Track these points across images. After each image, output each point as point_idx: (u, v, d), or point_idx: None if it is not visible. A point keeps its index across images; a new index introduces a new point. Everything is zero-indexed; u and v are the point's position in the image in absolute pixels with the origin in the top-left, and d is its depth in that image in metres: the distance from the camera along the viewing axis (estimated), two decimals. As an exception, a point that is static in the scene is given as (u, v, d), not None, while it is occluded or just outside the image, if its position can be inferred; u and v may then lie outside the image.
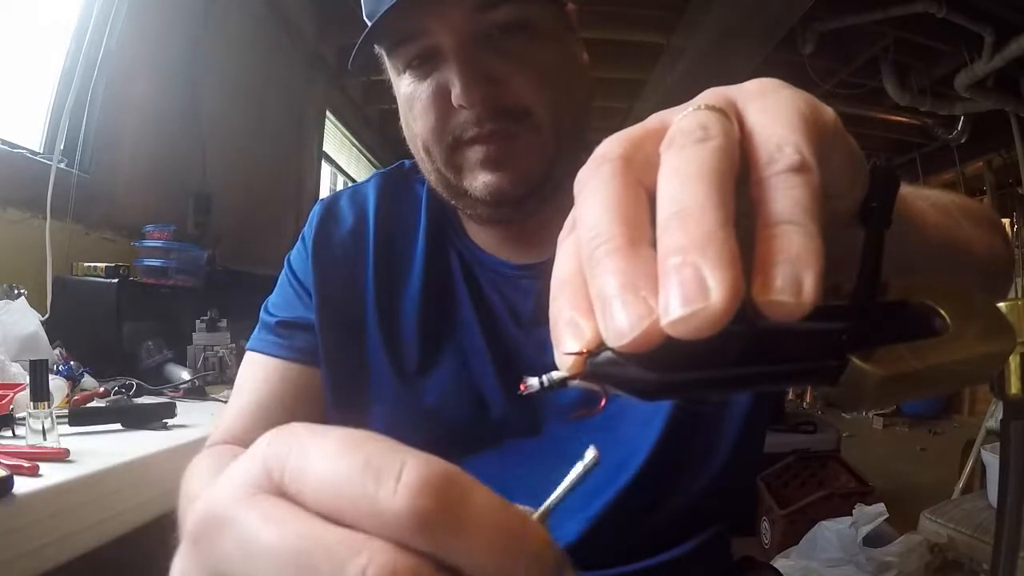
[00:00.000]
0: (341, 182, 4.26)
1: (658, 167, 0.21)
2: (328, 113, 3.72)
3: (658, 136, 0.22)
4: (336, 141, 4.15)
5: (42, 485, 0.68)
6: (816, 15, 3.14)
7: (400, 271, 0.65)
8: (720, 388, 0.21)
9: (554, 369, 0.21)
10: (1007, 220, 4.60)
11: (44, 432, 0.80)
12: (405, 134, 0.62)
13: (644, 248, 0.19)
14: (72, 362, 1.21)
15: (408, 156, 0.67)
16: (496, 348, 0.61)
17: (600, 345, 0.19)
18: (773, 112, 0.22)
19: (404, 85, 0.58)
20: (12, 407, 0.89)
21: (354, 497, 0.16)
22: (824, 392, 0.22)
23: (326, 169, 3.90)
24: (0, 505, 0.62)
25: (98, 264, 1.52)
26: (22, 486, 0.65)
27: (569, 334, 0.20)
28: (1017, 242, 4.34)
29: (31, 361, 0.84)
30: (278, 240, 2.55)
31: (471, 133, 0.55)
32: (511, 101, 0.55)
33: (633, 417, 0.58)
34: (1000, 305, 0.25)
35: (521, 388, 0.21)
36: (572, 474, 0.19)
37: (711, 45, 3.29)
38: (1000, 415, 0.32)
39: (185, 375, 1.38)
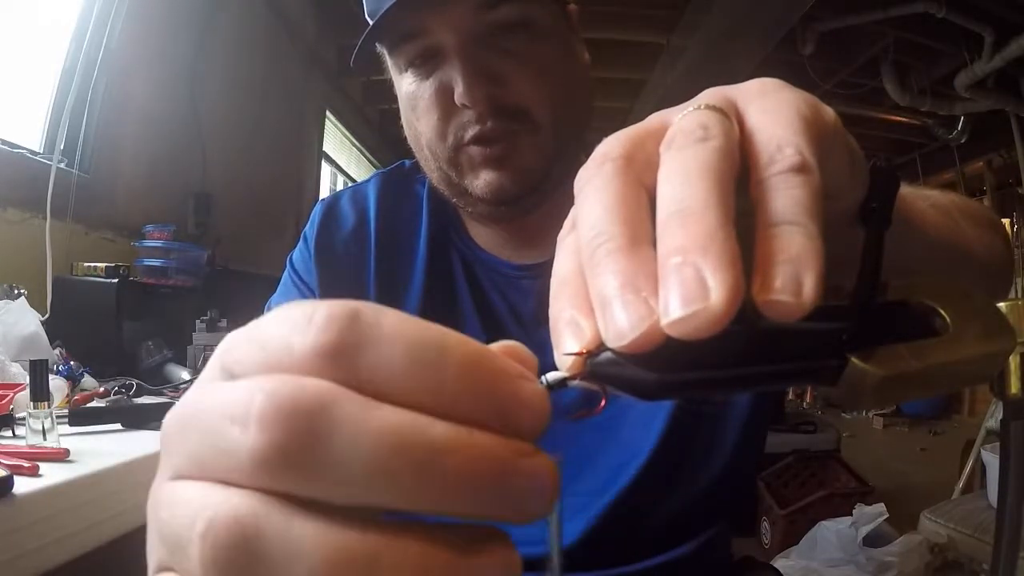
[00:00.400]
0: (341, 182, 4.25)
1: (658, 167, 0.21)
2: (328, 113, 3.72)
3: (659, 135, 0.22)
4: (336, 141, 4.15)
5: (42, 485, 0.68)
6: (816, 15, 3.14)
7: (402, 271, 0.65)
8: (720, 388, 0.21)
9: (555, 369, 0.21)
10: (1007, 220, 4.60)
11: (44, 432, 0.80)
12: (406, 133, 0.62)
13: (645, 248, 0.19)
14: (72, 362, 1.21)
15: (408, 156, 0.67)
16: None
17: (600, 345, 0.19)
18: (774, 112, 0.22)
19: (406, 84, 0.59)
20: (12, 407, 0.89)
21: (276, 349, 0.17)
22: (824, 392, 0.22)
23: (326, 169, 3.90)
24: (0, 505, 0.62)
25: (98, 264, 1.52)
26: (22, 486, 0.65)
27: (569, 334, 0.20)
28: (1017, 242, 4.34)
29: (31, 361, 0.84)
30: (278, 240, 2.56)
31: (473, 132, 0.55)
32: (513, 100, 0.55)
33: (633, 418, 0.58)
34: (1000, 305, 0.25)
35: None
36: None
37: (711, 45, 3.29)
38: (1000, 415, 0.32)
39: (185, 375, 1.38)
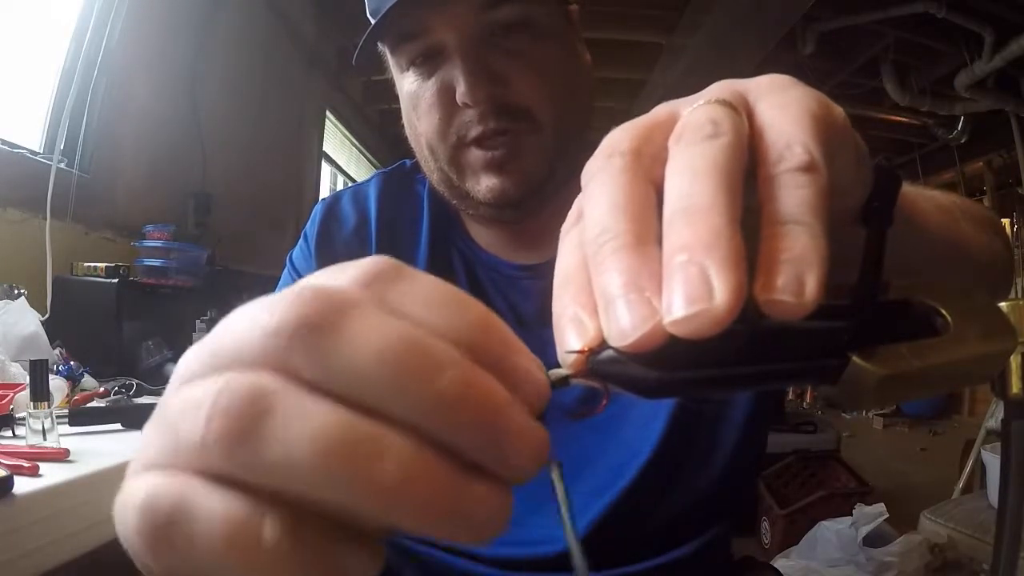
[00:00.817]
0: (341, 182, 4.25)
1: (666, 160, 0.21)
2: (328, 113, 3.72)
3: (667, 128, 0.22)
4: (336, 141, 4.14)
5: (42, 485, 0.68)
6: (816, 15, 3.14)
7: None
8: (721, 386, 0.21)
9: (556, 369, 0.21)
10: (1007, 220, 4.60)
11: (44, 432, 0.80)
12: (407, 132, 0.62)
13: (650, 247, 0.19)
14: (72, 362, 1.21)
15: (409, 156, 0.67)
16: None
17: (602, 343, 0.19)
18: (784, 109, 0.22)
19: (407, 83, 0.58)
20: (12, 407, 0.89)
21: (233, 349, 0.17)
22: (825, 391, 0.22)
23: (326, 169, 3.89)
24: (0, 505, 0.62)
25: (98, 264, 1.52)
26: (22, 486, 0.65)
27: (572, 331, 0.20)
28: (1017, 242, 4.34)
29: (31, 361, 0.84)
30: (278, 240, 2.56)
31: (475, 132, 0.55)
32: (514, 100, 0.55)
33: (634, 418, 0.58)
34: (1001, 305, 0.25)
35: None
36: (559, 492, 0.19)
37: (711, 45, 3.30)
38: (1000, 415, 0.32)
39: (185, 375, 1.37)
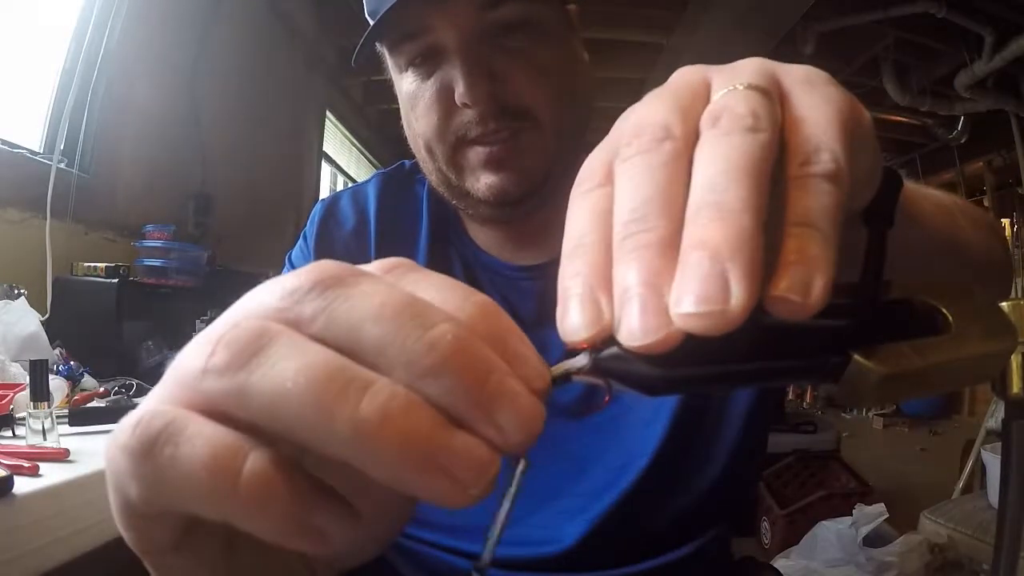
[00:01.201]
0: (341, 182, 4.25)
1: (698, 138, 0.21)
2: (328, 113, 3.72)
3: (703, 98, 0.22)
4: (336, 141, 4.14)
5: (42, 485, 0.68)
6: (816, 15, 3.14)
7: None
8: (723, 383, 0.21)
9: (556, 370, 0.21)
10: (1007, 220, 4.60)
11: (44, 432, 0.80)
12: (406, 133, 0.62)
13: (676, 249, 0.19)
14: (72, 362, 1.21)
15: (408, 156, 0.67)
16: None
17: (607, 337, 0.19)
18: (817, 109, 0.22)
19: (406, 83, 0.58)
20: (12, 407, 0.89)
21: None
22: (826, 389, 0.22)
23: (326, 169, 3.89)
24: (0, 505, 0.62)
25: (98, 264, 1.52)
26: (22, 486, 0.65)
27: (585, 311, 0.20)
28: (1017, 242, 4.34)
29: (31, 361, 0.84)
30: (278, 240, 2.55)
31: (474, 133, 0.55)
32: (514, 100, 0.55)
33: (635, 419, 0.58)
34: (1002, 305, 0.25)
35: None
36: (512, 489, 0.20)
37: (711, 45, 3.29)
38: (1000, 415, 0.32)
39: (185, 375, 1.37)
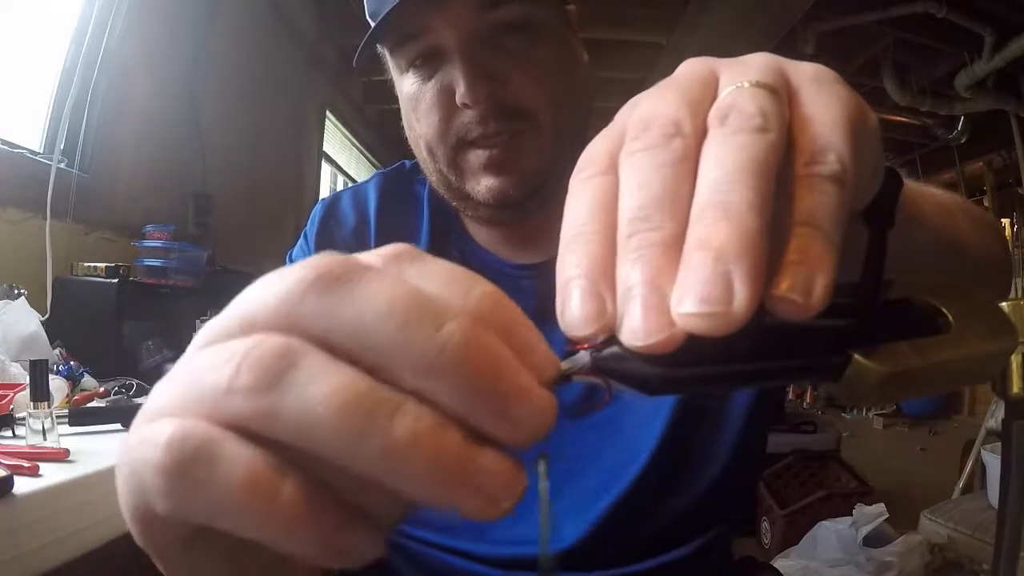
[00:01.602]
0: (341, 182, 4.25)
1: (705, 134, 0.20)
2: (328, 113, 3.72)
3: (711, 92, 0.22)
4: (336, 141, 4.14)
5: (42, 485, 0.68)
6: (816, 15, 3.14)
7: None
8: (723, 383, 0.21)
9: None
10: (1007, 220, 4.60)
11: (44, 432, 0.80)
12: (407, 134, 0.62)
13: (681, 247, 0.19)
14: (72, 362, 1.21)
15: (409, 156, 0.67)
16: None
17: (607, 336, 0.19)
18: (827, 110, 0.22)
19: (407, 84, 0.58)
20: (12, 407, 0.89)
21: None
22: (826, 389, 0.22)
23: (326, 169, 3.89)
24: (0, 505, 0.62)
25: (98, 264, 1.52)
26: (22, 486, 0.65)
27: (588, 304, 0.19)
28: (1017, 242, 4.34)
29: (31, 361, 0.84)
30: (278, 240, 2.55)
31: (475, 134, 0.55)
32: (514, 100, 0.55)
33: (634, 418, 0.58)
34: (1003, 304, 0.25)
35: None
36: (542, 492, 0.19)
37: (711, 45, 3.29)
38: (1000, 415, 0.32)
39: (185, 375, 1.37)
